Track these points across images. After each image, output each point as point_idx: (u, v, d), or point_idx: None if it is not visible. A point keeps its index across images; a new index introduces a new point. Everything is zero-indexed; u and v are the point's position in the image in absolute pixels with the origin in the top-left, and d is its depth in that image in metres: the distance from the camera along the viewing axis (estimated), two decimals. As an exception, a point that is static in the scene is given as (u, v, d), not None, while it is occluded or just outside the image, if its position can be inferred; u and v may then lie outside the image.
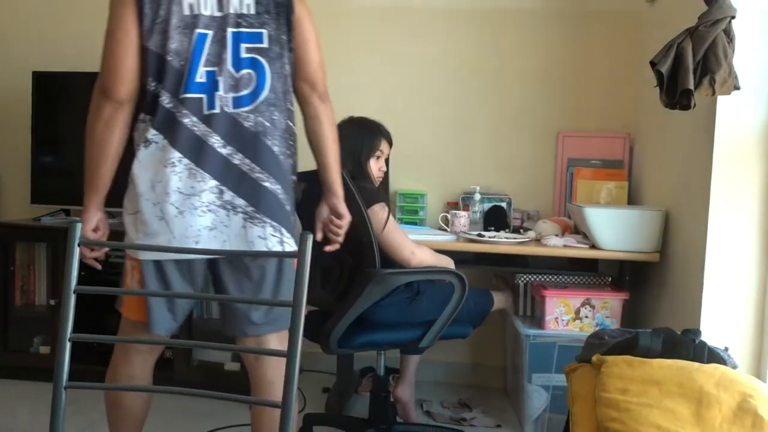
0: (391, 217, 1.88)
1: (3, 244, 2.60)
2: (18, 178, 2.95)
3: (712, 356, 1.39)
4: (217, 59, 1.43)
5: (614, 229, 2.13)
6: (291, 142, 1.52)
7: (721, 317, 1.81)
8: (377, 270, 1.75)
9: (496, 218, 2.50)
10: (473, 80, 2.73)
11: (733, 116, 1.78)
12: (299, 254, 0.92)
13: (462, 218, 2.40)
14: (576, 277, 2.32)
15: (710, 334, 1.77)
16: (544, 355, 2.16)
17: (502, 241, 2.24)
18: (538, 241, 2.29)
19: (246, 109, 1.44)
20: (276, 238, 1.44)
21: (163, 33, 1.41)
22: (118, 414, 1.56)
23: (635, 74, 2.59)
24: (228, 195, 1.43)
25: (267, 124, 1.46)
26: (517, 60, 2.70)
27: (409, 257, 1.88)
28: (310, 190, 1.85)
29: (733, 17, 1.66)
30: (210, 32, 1.43)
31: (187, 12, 1.42)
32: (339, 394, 2.46)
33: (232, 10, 1.44)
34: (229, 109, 1.44)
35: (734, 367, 1.42)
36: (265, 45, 1.46)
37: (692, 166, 1.96)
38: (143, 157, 1.44)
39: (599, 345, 1.53)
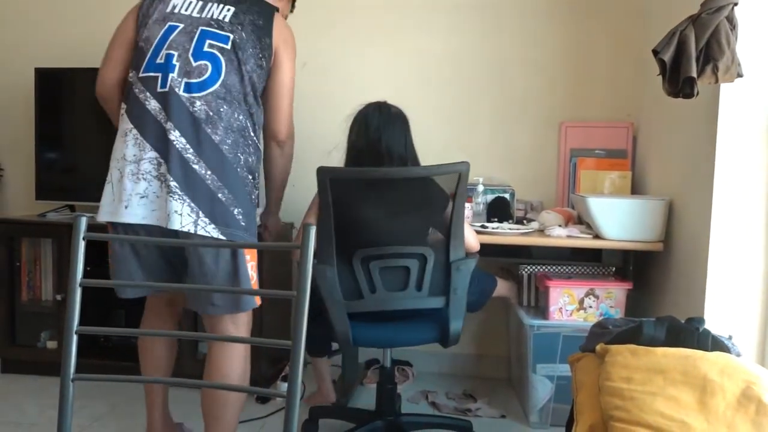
0: None
1: (9, 240, 2.61)
2: (22, 174, 2.96)
3: (716, 344, 1.39)
4: (180, 47, 1.60)
5: (618, 218, 2.13)
6: (243, 140, 1.63)
7: (725, 306, 1.81)
8: (474, 258, 1.81)
9: (499, 209, 2.50)
10: (475, 71, 2.73)
11: (736, 104, 1.77)
12: (302, 246, 0.92)
13: (465, 210, 2.40)
14: (580, 268, 2.32)
15: (714, 323, 1.77)
16: (549, 345, 2.17)
17: (505, 232, 2.24)
18: (541, 231, 2.29)
19: (194, 95, 1.58)
20: (191, 218, 1.53)
21: (144, 25, 1.63)
22: (145, 357, 1.84)
23: (638, 63, 2.58)
24: (164, 168, 1.55)
25: (211, 113, 1.58)
26: (520, 50, 2.70)
27: (475, 244, 1.91)
28: (338, 187, 1.70)
29: (736, 4, 1.65)
30: (181, 25, 1.62)
31: (168, 9, 1.63)
32: (345, 386, 2.47)
33: (206, 16, 1.64)
34: (179, 92, 1.57)
35: (738, 355, 1.42)
36: (227, 46, 1.61)
37: (696, 154, 1.95)
38: (117, 131, 1.66)
39: (603, 334, 1.53)
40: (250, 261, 1.65)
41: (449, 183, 1.72)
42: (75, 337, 0.92)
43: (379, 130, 1.85)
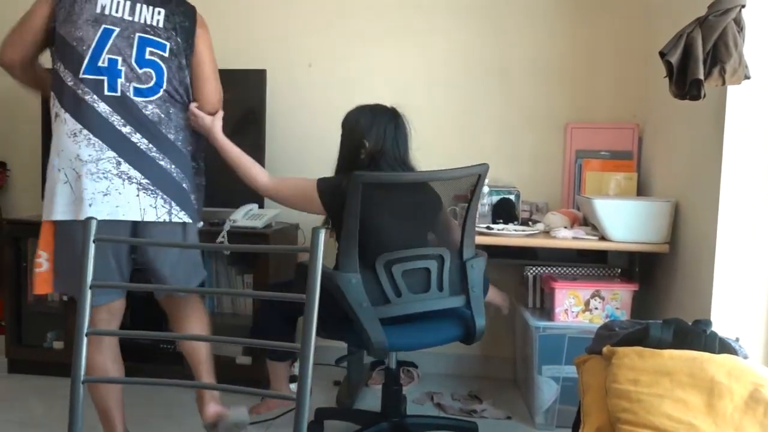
0: None
1: (15, 240, 2.62)
2: (29, 175, 2.98)
3: (723, 347, 1.39)
4: (120, 52, 1.70)
5: (624, 220, 2.13)
6: (188, 134, 1.84)
7: (732, 307, 1.80)
8: (484, 256, 1.88)
9: (504, 211, 2.50)
10: (480, 73, 2.73)
11: (743, 106, 1.77)
12: (311, 249, 0.93)
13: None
14: (585, 269, 2.32)
15: (721, 325, 1.77)
16: (554, 346, 2.17)
17: (511, 234, 2.25)
18: (547, 233, 2.29)
19: (145, 99, 1.73)
20: (165, 209, 1.73)
21: (73, 23, 1.68)
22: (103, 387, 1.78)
23: (643, 64, 2.57)
24: (125, 166, 1.68)
25: (162, 116, 1.75)
26: (525, 51, 2.70)
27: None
28: (368, 192, 1.67)
29: (743, 6, 1.65)
30: (117, 29, 1.70)
31: (98, 10, 1.70)
32: (350, 387, 2.47)
33: (142, 20, 1.73)
34: (130, 95, 1.70)
35: (745, 357, 1.42)
36: (166, 54, 1.76)
37: (702, 156, 1.95)
38: (54, 130, 1.71)
39: (609, 336, 1.53)
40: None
41: (467, 184, 1.78)
42: (85, 340, 0.92)
43: (393, 135, 1.87)
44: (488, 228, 2.29)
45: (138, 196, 1.69)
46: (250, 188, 1.96)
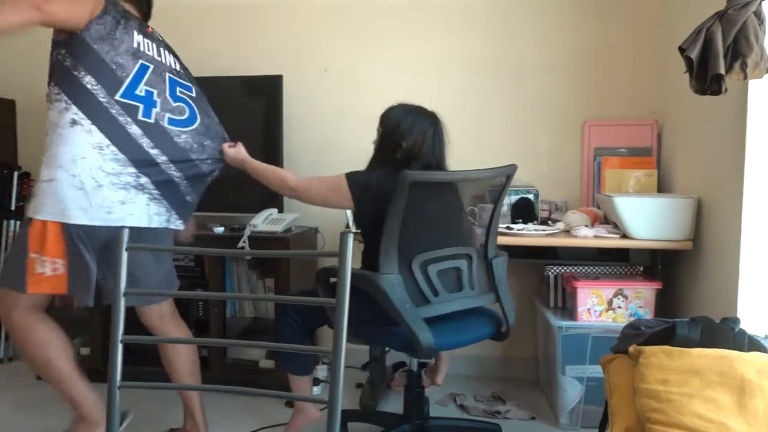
0: None
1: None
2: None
3: (753, 344, 1.38)
4: (157, 86, 1.86)
5: (645, 218, 2.11)
6: (223, 165, 2.03)
7: (759, 304, 1.78)
8: (505, 255, 1.95)
9: (523, 210, 2.49)
10: (495, 72, 2.72)
11: (766, 99, 1.75)
12: (340, 253, 0.93)
13: (489, 211, 2.40)
14: (607, 268, 2.31)
15: (748, 322, 1.74)
16: (578, 346, 2.15)
17: (531, 234, 2.24)
18: (567, 232, 2.28)
19: (180, 129, 1.89)
20: (165, 216, 1.89)
21: (114, 48, 1.77)
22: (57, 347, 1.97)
23: (661, 59, 2.55)
24: (143, 180, 1.82)
25: (195, 145, 1.92)
26: (540, 49, 2.69)
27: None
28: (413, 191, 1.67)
29: (764, -1, 1.63)
30: (152, 66, 1.86)
31: (135, 45, 1.83)
32: (372, 389, 2.48)
33: (166, 63, 1.91)
34: (164, 123, 1.85)
35: (775, 354, 1.40)
36: (194, 95, 1.97)
37: (724, 151, 1.93)
38: (67, 134, 1.76)
39: (636, 335, 1.52)
40: None
41: (486, 185, 1.85)
42: (120, 346, 0.94)
43: (431, 140, 1.86)
44: (508, 228, 2.28)
45: (148, 205, 1.84)
46: (279, 193, 2.04)
